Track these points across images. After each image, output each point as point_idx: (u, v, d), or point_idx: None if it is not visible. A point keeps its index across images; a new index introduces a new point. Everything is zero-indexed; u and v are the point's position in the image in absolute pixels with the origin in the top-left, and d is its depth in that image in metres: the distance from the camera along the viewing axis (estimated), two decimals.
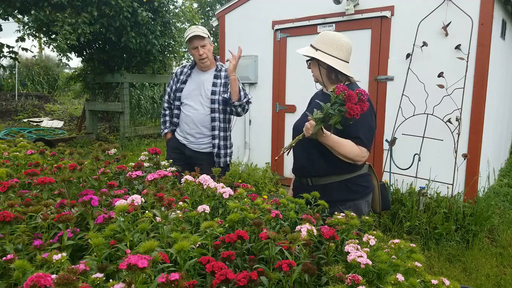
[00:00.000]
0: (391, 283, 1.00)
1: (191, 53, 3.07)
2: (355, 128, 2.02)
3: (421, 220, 3.83)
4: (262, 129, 5.92)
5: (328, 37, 2.14)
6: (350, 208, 2.11)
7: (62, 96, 16.29)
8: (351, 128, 2.01)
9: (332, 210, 1.95)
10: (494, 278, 3.20)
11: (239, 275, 0.94)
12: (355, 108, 1.70)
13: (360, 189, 2.16)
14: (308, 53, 2.15)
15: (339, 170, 2.10)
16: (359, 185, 2.16)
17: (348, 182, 2.13)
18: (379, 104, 4.70)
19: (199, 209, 1.30)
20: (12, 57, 8.25)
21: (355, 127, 2.00)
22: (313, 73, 2.25)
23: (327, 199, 2.05)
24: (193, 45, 2.99)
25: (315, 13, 5.12)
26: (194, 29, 3.00)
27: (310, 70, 2.28)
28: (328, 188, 2.10)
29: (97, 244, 1.03)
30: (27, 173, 1.67)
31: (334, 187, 2.12)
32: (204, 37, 2.98)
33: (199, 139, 3.09)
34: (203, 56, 3.01)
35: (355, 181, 2.15)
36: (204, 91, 3.07)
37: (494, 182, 5.29)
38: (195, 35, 2.95)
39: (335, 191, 2.11)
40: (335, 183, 2.12)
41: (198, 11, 17.87)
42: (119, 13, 7.64)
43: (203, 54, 3.00)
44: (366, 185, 2.19)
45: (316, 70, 2.21)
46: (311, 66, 2.24)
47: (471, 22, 4.02)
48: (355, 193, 2.15)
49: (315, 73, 2.23)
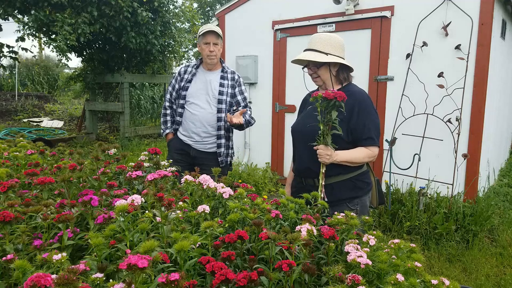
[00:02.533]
0: (391, 283, 0.99)
1: (201, 48, 3.06)
2: (367, 129, 2.10)
3: (421, 220, 3.83)
4: (262, 129, 5.92)
5: (331, 38, 2.17)
6: (358, 205, 2.19)
7: (62, 96, 16.30)
8: (364, 130, 2.09)
9: (341, 208, 2.01)
10: (494, 278, 3.20)
11: (239, 275, 0.94)
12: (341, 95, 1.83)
13: (364, 185, 2.22)
14: (321, 59, 2.13)
15: (346, 170, 2.15)
16: (363, 182, 2.21)
17: (354, 180, 2.18)
18: (379, 104, 4.70)
19: (199, 209, 1.30)
20: (12, 57, 8.25)
21: (366, 128, 2.09)
22: (318, 77, 2.23)
23: (336, 198, 2.11)
24: (206, 40, 3.00)
25: (315, 13, 5.12)
26: (211, 26, 3.04)
27: (308, 73, 2.27)
28: (336, 187, 2.14)
29: (97, 244, 1.03)
30: (27, 173, 1.67)
31: (341, 186, 2.16)
32: (219, 36, 3.03)
33: (204, 138, 3.08)
34: (212, 54, 3.02)
35: (359, 178, 2.20)
36: (212, 91, 3.07)
37: (494, 182, 5.29)
38: (212, 31, 2.98)
39: (343, 190, 2.16)
40: (342, 181, 2.16)
41: (198, 11, 17.88)
42: (119, 13, 7.64)
43: (213, 51, 3.02)
44: (368, 182, 2.25)
45: (326, 74, 2.21)
46: (318, 71, 2.21)
47: (471, 22, 4.02)
48: (361, 190, 2.20)
49: (324, 77, 2.22)
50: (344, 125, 2.08)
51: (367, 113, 2.11)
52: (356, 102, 2.11)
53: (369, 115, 2.12)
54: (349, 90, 2.16)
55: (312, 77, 2.26)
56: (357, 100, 2.12)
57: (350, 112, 2.10)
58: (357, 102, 2.11)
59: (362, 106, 2.12)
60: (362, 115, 2.10)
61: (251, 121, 3.15)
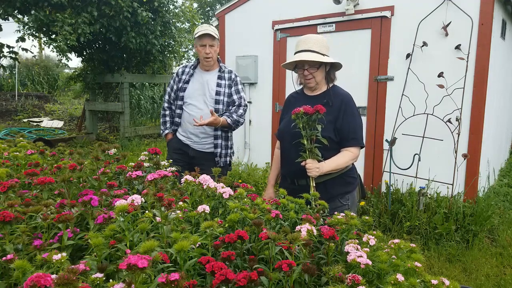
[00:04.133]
0: (391, 283, 0.99)
1: (198, 49, 3.07)
2: (352, 130, 2.21)
3: (421, 220, 3.83)
4: (262, 129, 5.91)
5: (323, 40, 2.25)
6: (348, 200, 2.29)
7: (62, 96, 16.29)
8: (349, 131, 2.20)
9: (334, 204, 2.08)
10: (494, 278, 3.20)
11: (239, 275, 0.94)
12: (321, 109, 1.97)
13: (353, 180, 2.33)
14: (323, 60, 2.18)
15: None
16: (351, 177, 2.32)
17: (344, 176, 2.27)
18: (379, 104, 4.70)
19: (199, 209, 1.30)
20: (12, 57, 8.25)
21: (351, 129, 2.20)
22: (313, 78, 2.25)
23: (328, 196, 2.19)
24: (202, 42, 3.00)
25: (315, 13, 5.12)
26: (207, 27, 3.02)
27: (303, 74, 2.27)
28: (328, 185, 2.22)
29: (97, 244, 1.03)
30: (27, 173, 1.67)
31: (333, 182, 2.23)
32: (215, 37, 3.01)
33: (202, 139, 3.09)
34: (208, 56, 3.02)
35: (348, 174, 2.30)
36: (209, 91, 3.07)
37: (494, 182, 5.29)
38: (207, 33, 2.97)
39: (336, 186, 2.24)
40: (333, 179, 2.23)
41: (198, 11, 17.88)
42: (119, 13, 7.64)
43: (209, 53, 3.01)
44: (355, 176, 2.36)
45: (321, 75, 2.27)
46: (314, 72, 2.23)
47: (471, 22, 4.02)
48: (350, 185, 2.31)
49: (319, 78, 2.27)
50: (331, 126, 2.17)
51: (352, 115, 2.23)
52: (343, 103, 2.23)
53: (354, 116, 2.24)
54: (337, 91, 2.30)
55: (306, 78, 2.27)
56: (344, 101, 2.24)
57: (337, 112, 2.20)
58: (344, 103, 2.23)
59: (348, 107, 2.23)
60: (348, 116, 2.21)
61: (239, 120, 3.09)
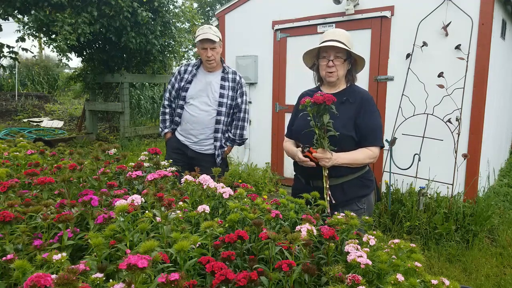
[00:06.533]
0: (391, 283, 0.99)
1: (199, 52, 3.04)
2: (371, 129, 2.12)
3: (421, 220, 3.83)
4: (262, 129, 5.92)
5: (349, 35, 2.22)
6: (365, 204, 2.20)
7: (62, 96, 16.29)
8: (368, 130, 2.12)
9: (350, 208, 2.00)
10: (494, 278, 3.20)
11: (239, 275, 0.94)
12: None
13: (370, 183, 2.24)
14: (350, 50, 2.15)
15: (354, 169, 2.16)
16: (369, 180, 2.24)
17: (361, 178, 2.19)
18: (379, 104, 4.70)
19: (199, 209, 1.30)
20: (12, 57, 8.25)
21: (370, 128, 2.12)
22: (335, 72, 2.17)
23: (346, 198, 2.11)
24: (203, 46, 2.96)
25: (315, 13, 5.12)
26: (207, 30, 2.94)
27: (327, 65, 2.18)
28: (346, 187, 2.15)
29: (97, 244, 1.03)
30: (27, 173, 1.67)
31: (351, 184, 2.16)
32: (215, 41, 2.94)
33: (202, 140, 3.07)
34: (210, 58, 2.99)
35: (366, 176, 2.22)
36: (212, 93, 3.04)
37: (494, 182, 5.29)
38: (207, 39, 2.91)
39: (353, 188, 2.16)
40: (350, 181, 2.16)
41: (198, 11, 17.89)
42: (119, 13, 7.64)
43: (211, 56, 2.97)
44: (372, 179, 2.27)
45: (344, 70, 2.20)
46: (338, 64, 2.16)
47: (471, 22, 4.02)
48: (368, 188, 2.22)
49: (341, 73, 2.19)
50: (351, 122, 2.11)
51: (372, 113, 2.16)
52: (364, 100, 2.16)
53: (374, 115, 2.16)
54: (357, 89, 2.23)
55: (330, 70, 2.17)
56: (365, 99, 2.17)
57: (358, 108, 2.13)
58: (365, 101, 2.16)
59: (369, 105, 2.16)
60: (368, 115, 2.14)
61: (242, 133, 3.19)
